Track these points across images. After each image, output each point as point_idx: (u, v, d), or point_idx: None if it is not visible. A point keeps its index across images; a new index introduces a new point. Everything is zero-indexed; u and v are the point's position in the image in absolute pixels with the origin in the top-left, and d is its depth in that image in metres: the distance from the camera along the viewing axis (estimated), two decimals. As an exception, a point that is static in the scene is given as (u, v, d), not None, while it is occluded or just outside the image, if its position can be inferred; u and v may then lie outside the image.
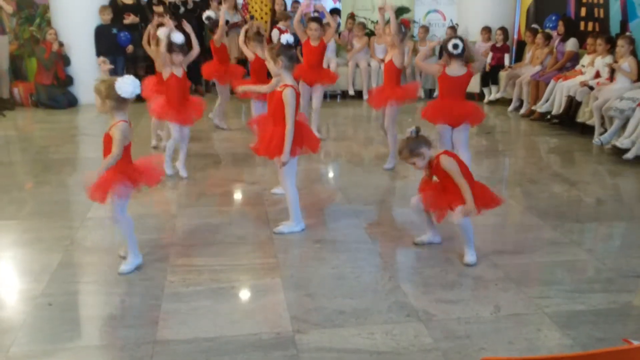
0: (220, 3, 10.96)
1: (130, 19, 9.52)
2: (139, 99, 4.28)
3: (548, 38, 8.86)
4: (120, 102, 3.54)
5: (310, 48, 6.78)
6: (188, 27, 6.01)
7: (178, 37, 5.60)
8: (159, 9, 9.79)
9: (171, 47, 5.55)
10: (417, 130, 3.81)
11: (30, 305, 3.35)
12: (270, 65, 4.25)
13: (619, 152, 6.33)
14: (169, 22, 5.80)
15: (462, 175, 3.73)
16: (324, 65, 7.60)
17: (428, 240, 4.15)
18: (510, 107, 9.07)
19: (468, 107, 5.21)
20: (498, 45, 9.73)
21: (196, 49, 5.81)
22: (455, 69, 5.02)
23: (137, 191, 3.72)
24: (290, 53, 4.24)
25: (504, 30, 9.71)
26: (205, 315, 3.24)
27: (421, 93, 9.65)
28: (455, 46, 4.89)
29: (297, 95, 4.17)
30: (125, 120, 3.57)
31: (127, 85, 3.49)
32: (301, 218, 4.42)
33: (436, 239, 4.15)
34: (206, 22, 8.00)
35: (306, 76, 6.78)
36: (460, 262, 3.88)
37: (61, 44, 9.25)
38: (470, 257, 3.89)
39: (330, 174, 6.17)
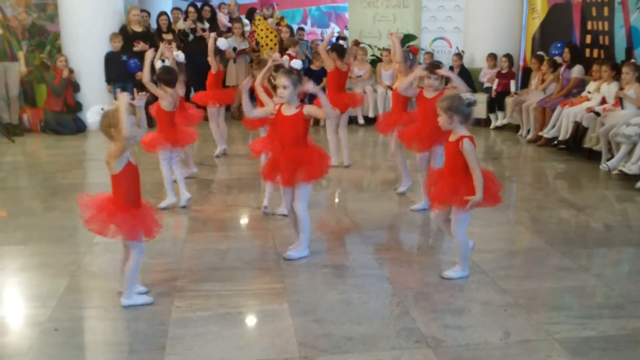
0: (229, 31, 11.14)
1: (140, 46, 9.62)
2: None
3: (554, 65, 8.90)
4: None
5: (340, 73, 6.86)
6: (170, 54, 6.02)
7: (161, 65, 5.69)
8: (168, 36, 9.93)
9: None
10: (474, 102, 3.79)
11: (36, 331, 3.34)
12: (289, 91, 4.14)
13: (626, 177, 6.31)
14: (170, 52, 5.88)
15: (479, 164, 3.74)
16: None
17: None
18: (521, 132, 9.07)
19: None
20: (503, 72, 9.78)
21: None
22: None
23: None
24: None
25: (508, 57, 9.77)
26: (212, 341, 3.22)
27: None
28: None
29: None
30: None
31: None
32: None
33: None
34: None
35: (339, 102, 6.82)
36: (469, 288, 3.86)
37: (71, 71, 9.36)
38: (453, 272, 3.96)
39: (338, 199, 6.17)
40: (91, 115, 3.52)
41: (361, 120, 10.13)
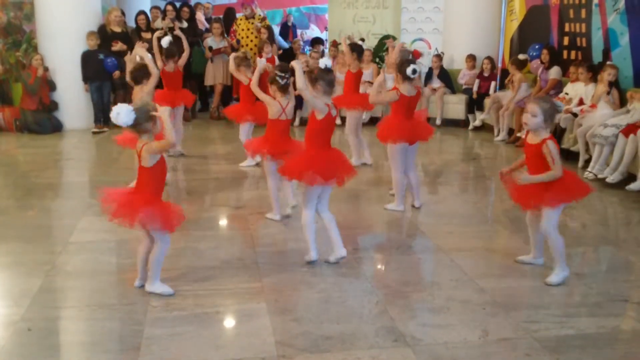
0: (208, 31, 11.06)
1: (118, 46, 9.52)
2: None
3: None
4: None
5: (354, 75, 7.01)
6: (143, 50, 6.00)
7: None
8: (147, 35, 9.82)
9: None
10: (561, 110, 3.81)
11: (9, 331, 3.27)
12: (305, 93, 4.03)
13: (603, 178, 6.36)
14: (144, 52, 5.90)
15: (561, 166, 3.75)
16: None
17: (529, 261, 4.19)
18: (498, 137, 9.01)
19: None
20: (485, 74, 9.80)
21: (154, 73, 5.75)
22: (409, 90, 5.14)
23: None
24: (328, 78, 4.06)
25: (490, 59, 9.81)
26: (189, 341, 3.18)
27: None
28: (414, 71, 5.02)
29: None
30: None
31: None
32: (315, 248, 4.23)
33: (539, 260, 4.18)
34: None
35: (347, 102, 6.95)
36: (448, 286, 3.85)
37: (46, 69, 9.22)
38: (554, 276, 3.90)
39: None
40: (126, 115, 3.37)
41: (338, 121, 10.07)
